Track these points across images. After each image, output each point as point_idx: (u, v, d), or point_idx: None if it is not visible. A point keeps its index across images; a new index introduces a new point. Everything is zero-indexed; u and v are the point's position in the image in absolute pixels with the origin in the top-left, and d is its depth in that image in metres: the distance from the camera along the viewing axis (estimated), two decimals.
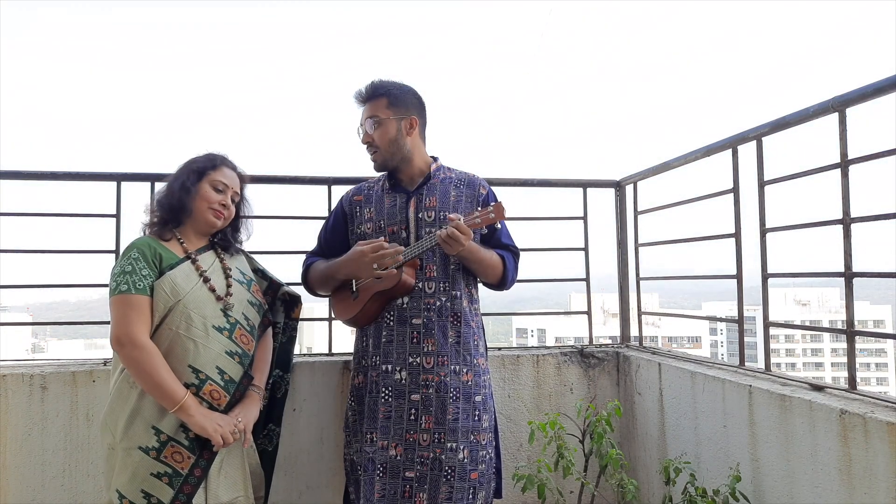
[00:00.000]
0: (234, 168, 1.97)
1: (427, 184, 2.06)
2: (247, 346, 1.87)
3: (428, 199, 2.04)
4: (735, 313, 2.25)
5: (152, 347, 1.70)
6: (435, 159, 2.13)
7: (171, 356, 1.73)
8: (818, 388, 1.84)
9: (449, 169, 2.14)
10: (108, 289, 1.77)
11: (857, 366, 1.82)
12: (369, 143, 2.04)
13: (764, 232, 2.08)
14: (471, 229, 1.84)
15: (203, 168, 1.90)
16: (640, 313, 2.98)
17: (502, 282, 2.07)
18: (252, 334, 1.90)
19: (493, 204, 1.88)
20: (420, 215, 2.02)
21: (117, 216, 2.51)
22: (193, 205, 1.86)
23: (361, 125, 2.06)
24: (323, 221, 2.30)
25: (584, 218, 2.97)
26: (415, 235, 2.01)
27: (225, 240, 1.99)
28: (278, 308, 2.14)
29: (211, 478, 1.79)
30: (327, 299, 2.25)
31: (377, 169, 2.09)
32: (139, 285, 1.72)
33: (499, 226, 1.89)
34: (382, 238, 1.97)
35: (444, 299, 2.00)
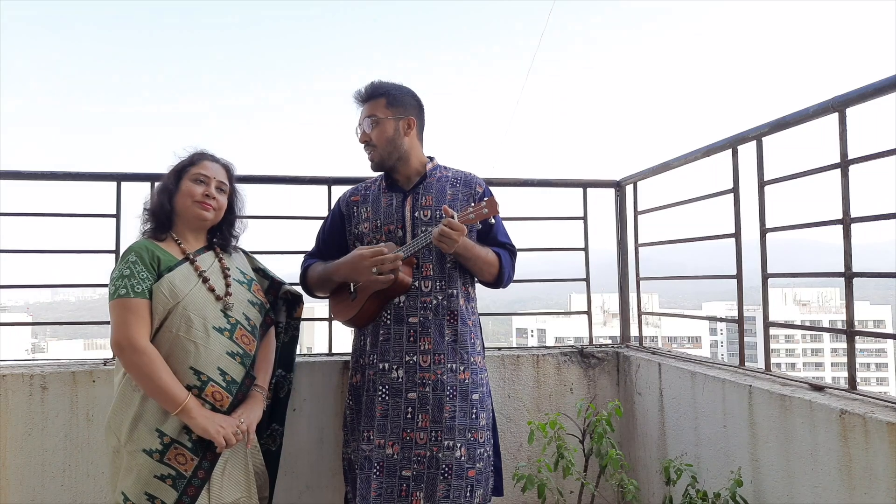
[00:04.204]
0: (216, 160, 1.95)
1: (423, 183, 2.07)
2: (248, 346, 1.87)
3: (424, 198, 2.04)
4: (735, 313, 2.25)
5: (152, 351, 1.69)
6: (431, 159, 2.14)
7: (171, 358, 1.73)
8: (818, 388, 1.84)
9: (445, 168, 2.15)
10: (107, 291, 1.77)
11: (857, 366, 1.82)
12: (367, 141, 2.05)
13: (764, 232, 2.08)
14: (465, 225, 1.85)
15: (182, 166, 1.90)
16: (640, 313, 2.98)
17: (498, 279, 2.07)
18: (253, 334, 1.90)
19: (486, 199, 1.89)
20: (416, 214, 2.02)
21: (117, 216, 2.51)
22: (177, 203, 1.86)
23: (360, 124, 2.07)
24: (322, 222, 2.30)
25: (584, 218, 2.97)
26: (411, 234, 2.01)
27: (223, 238, 1.99)
28: (280, 307, 2.14)
29: (214, 479, 1.78)
30: (327, 300, 2.25)
31: (374, 168, 2.09)
32: (138, 289, 1.71)
33: (493, 221, 1.89)
34: (383, 244, 1.97)
35: (440, 297, 2.00)
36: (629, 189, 2.97)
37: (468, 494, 1.94)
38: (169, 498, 1.69)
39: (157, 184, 1.95)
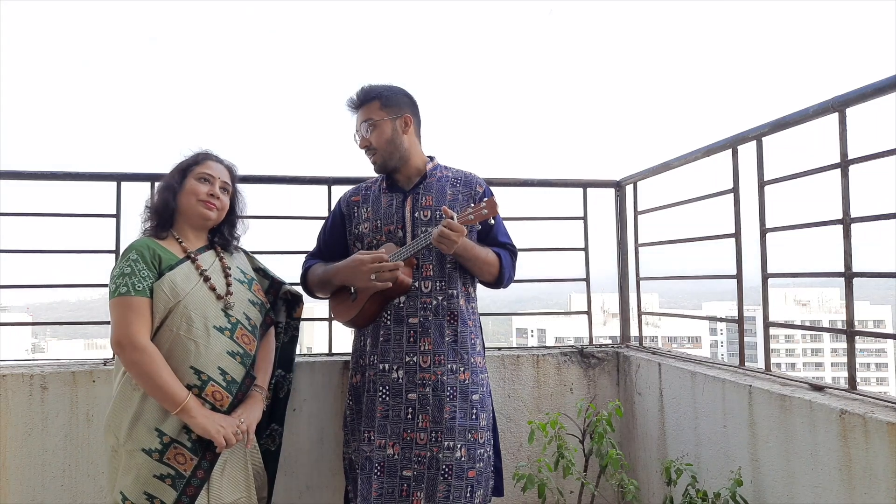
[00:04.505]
0: (220, 161, 1.96)
1: (423, 183, 2.07)
2: (248, 346, 1.87)
3: (424, 198, 2.04)
4: (735, 313, 2.25)
5: (153, 349, 1.69)
6: (431, 158, 2.14)
7: (172, 357, 1.72)
8: (818, 388, 1.84)
9: (446, 168, 2.15)
10: (107, 290, 1.77)
11: (857, 366, 1.82)
12: (367, 146, 2.05)
13: (764, 232, 2.08)
14: (464, 226, 1.85)
15: (187, 165, 1.91)
16: (640, 313, 2.98)
17: (499, 280, 2.07)
18: (254, 334, 1.90)
19: (485, 200, 1.89)
20: (416, 214, 2.02)
21: (117, 216, 2.52)
22: (181, 201, 1.86)
23: (357, 131, 2.07)
24: (322, 222, 2.30)
25: (584, 218, 2.97)
26: (411, 235, 2.01)
27: (223, 239, 1.99)
28: (280, 307, 2.14)
29: (214, 479, 1.78)
30: (327, 300, 2.25)
31: (378, 171, 2.10)
32: (138, 287, 1.71)
33: (492, 221, 1.89)
34: (383, 247, 1.97)
35: (440, 298, 2.00)
36: (629, 189, 2.97)
37: (468, 495, 1.94)
38: (168, 498, 1.69)
39: (159, 182, 1.96)
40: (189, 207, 1.86)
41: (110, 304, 1.73)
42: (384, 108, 2.02)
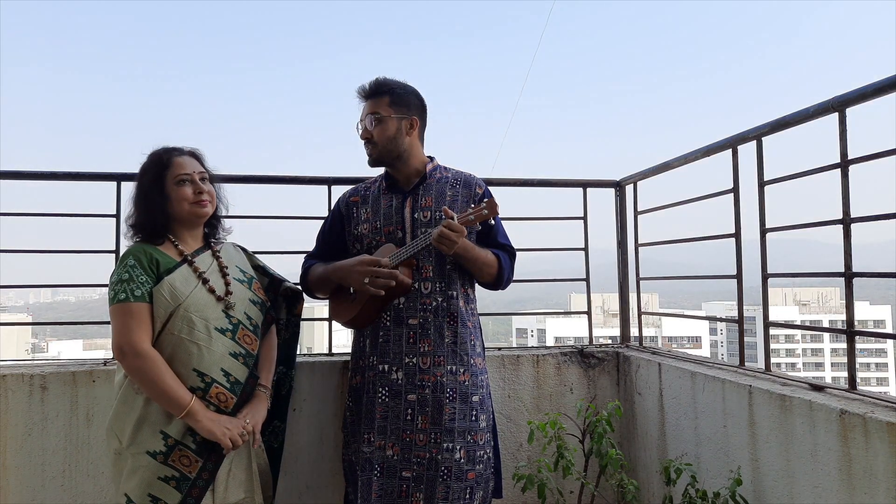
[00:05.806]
0: (183, 152, 1.89)
1: (423, 184, 2.07)
2: (250, 346, 1.86)
3: (424, 199, 2.04)
4: (735, 313, 2.25)
5: (155, 355, 1.69)
6: (431, 159, 2.14)
7: (174, 361, 1.72)
8: (818, 388, 1.84)
9: (445, 169, 2.14)
10: (107, 293, 1.76)
11: (857, 366, 1.82)
12: (368, 138, 2.04)
13: (764, 232, 2.08)
14: (464, 227, 1.85)
15: (158, 173, 1.82)
16: (640, 313, 2.98)
17: (498, 280, 2.07)
18: (255, 333, 1.89)
19: (485, 200, 1.89)
20: (416, 215, 2.02)
21: (117, 216, 2.51)
22: (173, 210, 1.82)
23: (361, 121, 2.06)
24: (322, 222, 2.30)
25: (584, 218, 2.97)
26: (411, 235, 2.01)
27: (212, 229, 1.96)
28: (280, 304, 2.14)
29: (219, 480, 1.79)
30: (327, 300, 2.25)
31: (371, 164, 2.09)
32: (137, 293, 1.70)
33: (493, 222, 1.89)
34: (387, 258, 1.96)
35: (440, 299, 2.00)
36: (629, 189, 2.97)
37: (467, 497, 1.93)
38: (172, 499, 1.69)
39: (134, 197, 1.85)
40: (184, 213, 1.83)
41: (110, 312, 1.72)
42: (393, 105, 2.02)
